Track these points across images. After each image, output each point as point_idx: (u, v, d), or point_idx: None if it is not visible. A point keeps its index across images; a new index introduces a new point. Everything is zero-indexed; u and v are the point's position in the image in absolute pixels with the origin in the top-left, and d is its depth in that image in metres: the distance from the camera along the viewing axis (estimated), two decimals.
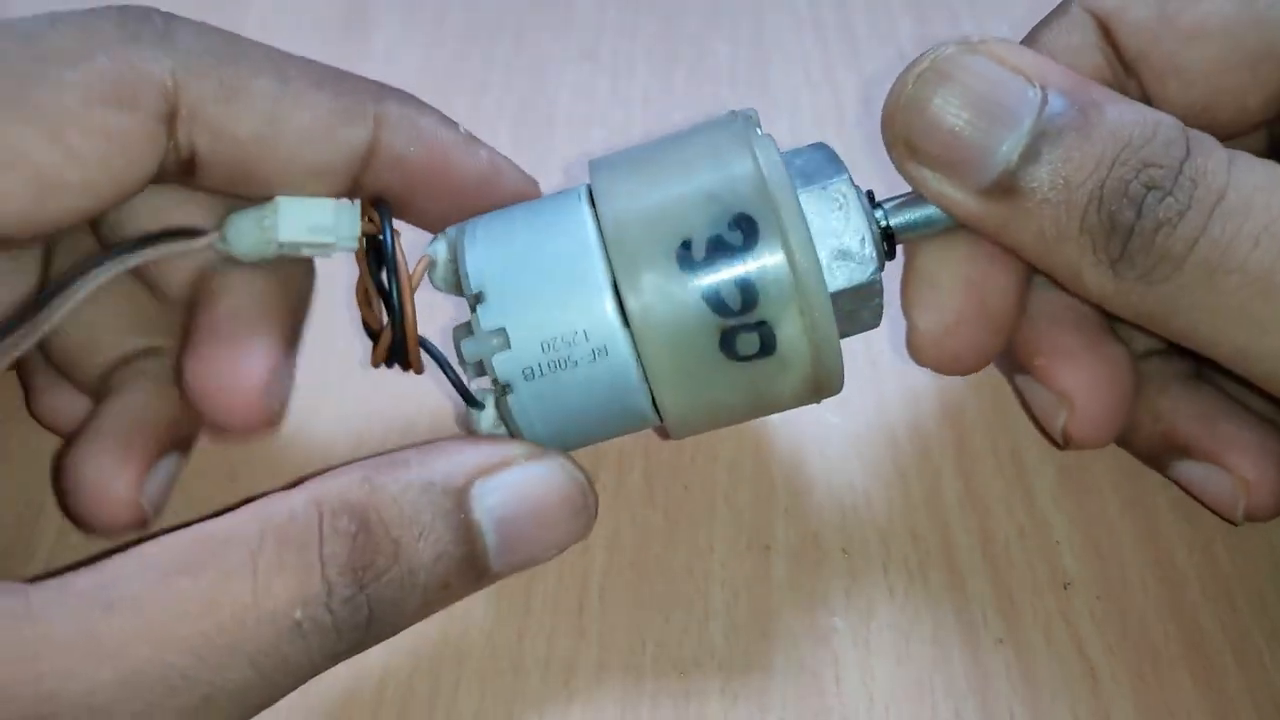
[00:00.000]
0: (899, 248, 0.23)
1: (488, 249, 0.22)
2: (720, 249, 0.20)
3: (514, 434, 0.22)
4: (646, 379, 0.21)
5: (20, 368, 0.27)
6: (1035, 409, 0.26)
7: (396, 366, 0.23)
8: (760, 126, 0.23)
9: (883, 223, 0.23)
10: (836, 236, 0.22)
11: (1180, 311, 0.20)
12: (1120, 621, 0.25)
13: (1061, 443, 0.25)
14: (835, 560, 0.26)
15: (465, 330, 0.22)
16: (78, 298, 0.21)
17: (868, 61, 0.39)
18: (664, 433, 0.24)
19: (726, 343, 0.21)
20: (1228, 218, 0.19)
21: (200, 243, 0.23)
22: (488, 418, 0.23)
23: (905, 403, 0.29)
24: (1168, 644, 0.25)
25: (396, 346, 0.22)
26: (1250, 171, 0.20)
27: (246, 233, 0.23)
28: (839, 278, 0.21)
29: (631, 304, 0.21)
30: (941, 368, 0.24)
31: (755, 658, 0.24)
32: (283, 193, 0.23)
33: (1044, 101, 0.20)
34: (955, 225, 0.22)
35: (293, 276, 0.25)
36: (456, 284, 0.23)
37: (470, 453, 0.21)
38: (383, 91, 0.24)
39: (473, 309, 0.21)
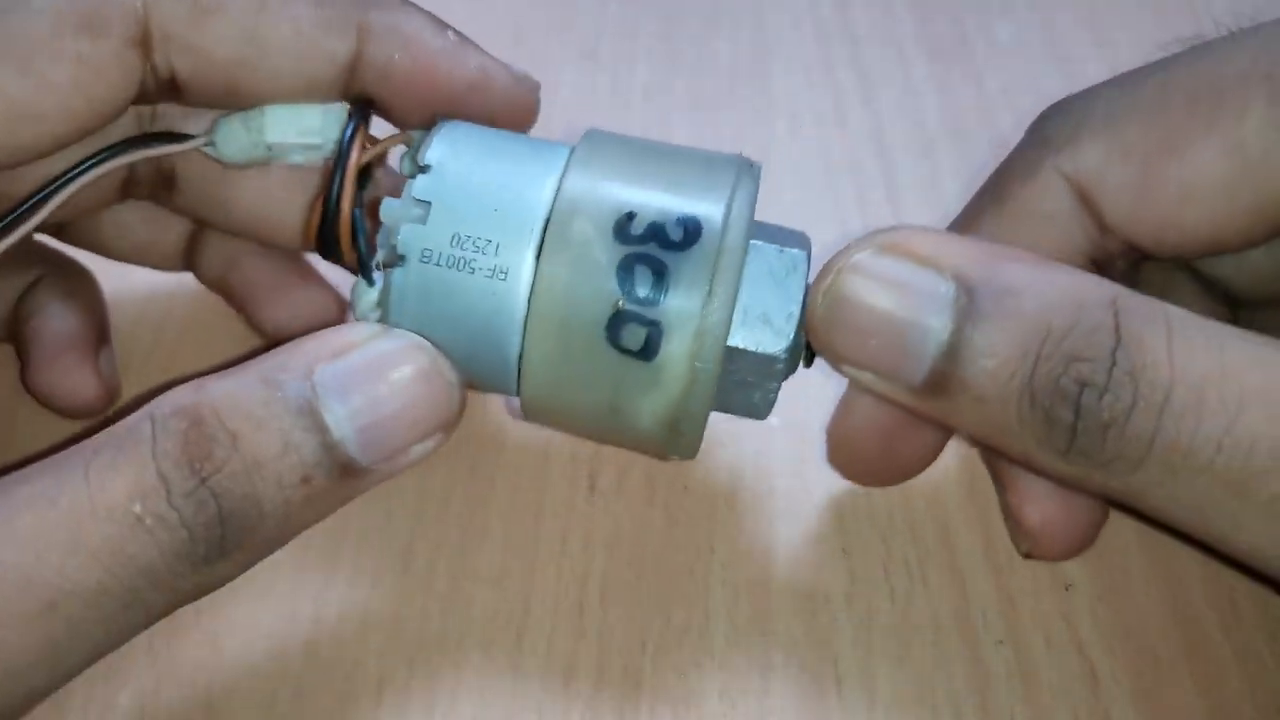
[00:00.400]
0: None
1: (459, 143, 0.22)
2: (658, 235, 0.20)
3: (383, 319, 0.22)
4: (525, 331, 0.21)
5: (16, 344, 0.27)
6: (1005, 519, 0.26)
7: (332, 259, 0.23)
8: (757, 183, 0.23)
9: None
10: (766, 300, 0.21)
11: (1149, 498, 0.19)
12: (1121, 623, 0.25)
13: (1022, 556, 0.26)
14: (836, 561, 0.26)
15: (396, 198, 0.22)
16: (70, 190, 0.23)
17: (868, 61, 0.39)
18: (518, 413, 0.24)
19: (615, 324, 0.20)
20: (1181, 419, 0.18)
21: (190, 144, 0.24)
22: (369, 295, 0.22)
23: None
24: (1168, 645, 0.25)
25: (327, 226, 0.23)
26: (1193, 354, 0.18)
27: (235, 136, 0.24)
28: (747, 337, 0.21)
29: (550, 236, 0.21)
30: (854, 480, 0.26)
31: (756, 659, 0.24)
32: (272, 100, 0.23)
33: (958, 295, 0.19)
34: None
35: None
36: (414, 168, 0.23)
37: (312, 343, 0.20)
38: (367, 0, 0.24)
39: (413, 177, 0.22)
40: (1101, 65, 0.39)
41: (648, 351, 0.20)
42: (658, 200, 0.21)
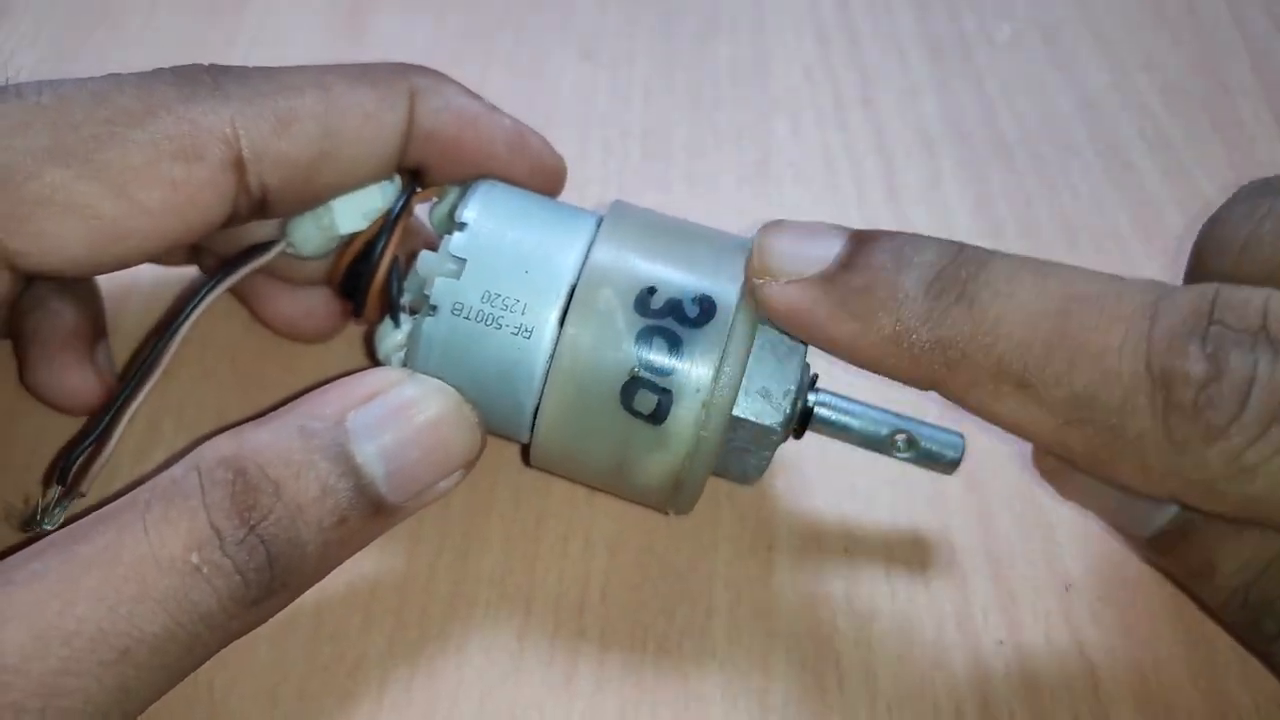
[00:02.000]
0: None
1: (498, 202, 0.24)
2: (675, 311, 0.22)
3: (408, 362, 0.23)
4: (544, 388, 0.22)
5: (14, 340, 0.28)
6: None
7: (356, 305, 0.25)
8: None
9: (807, 402, 0.24)
10: (768, 377, 0.23)
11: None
12: (1121, 623, 0.25)
13: None
14: (837, 561, 0.26)
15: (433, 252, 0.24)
16: (185, 329, 0.24)
17: (868, 61, 0.39)
18: (526, 457, 0.26)
19: (629, 388, 0.22)
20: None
21: (274, 252, 0.25)
22: (394, 337, 0.24)
23: (908, 405, 0.29)
24: (1168, 645, 0.25)
25: (361, 272, 0.25)
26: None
27: (310, 235, 0.25)
28: (748, 407, 0.22)
29: (576, 302, 0.22)
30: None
31: (757, 658, 0.24)
32: (342, 191, 0.25)
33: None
34: (858, 442, 0.25)
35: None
36: (449, 224, 0.24)
37: (340, 389, 0.21)
38: (408, 70, 0.25)
39: (449, 234, 0.23)
40: (1100, 66, 0.39)
41: (658, 416, 0.22)
42: (678, 278, 0.22)
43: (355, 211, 0.25)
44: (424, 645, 0.24)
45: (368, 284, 0.25)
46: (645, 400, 0.22)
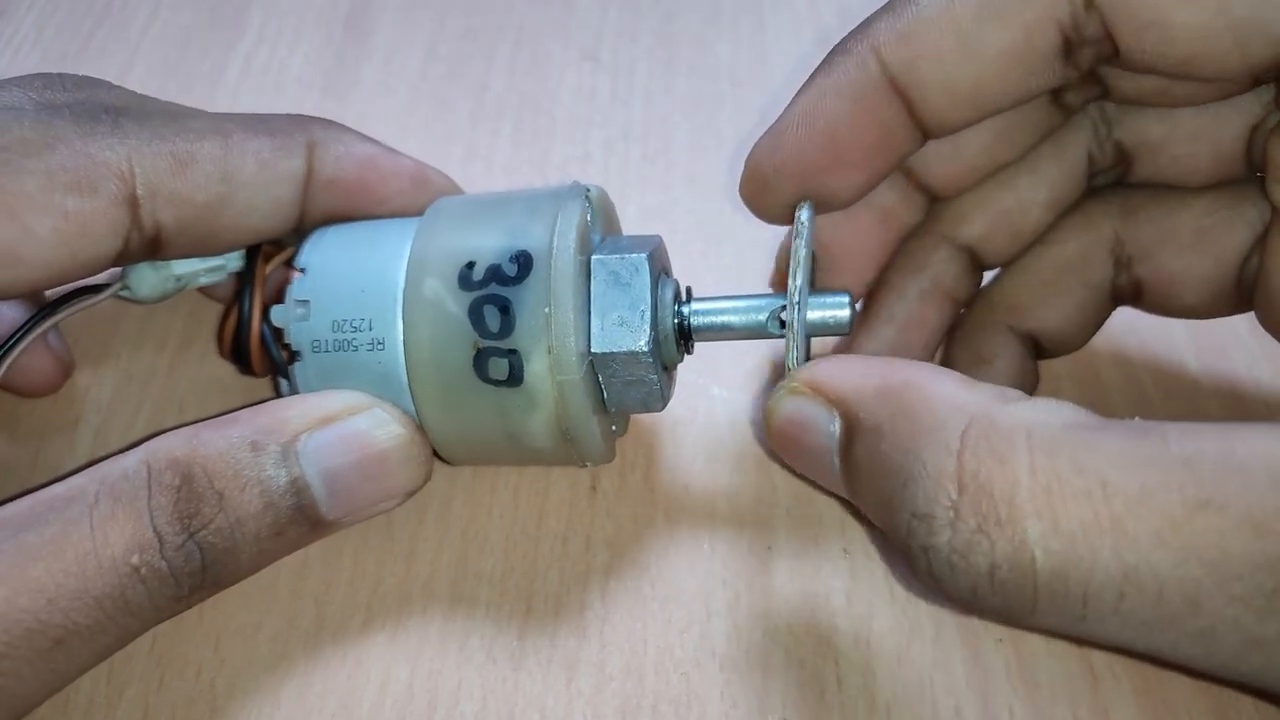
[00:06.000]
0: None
1: (329, 240, 0.25)
2: (496, 275, 0.23)
3: None
4: (411, 389, 0.23)
5: None
6: None
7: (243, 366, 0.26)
8: (589, 203, 0.24)
9: (679, 319, 0.24)
10: (618, 305, 0.23)
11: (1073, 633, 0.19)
12: None
13: None
14: (836, 561, 0.26)
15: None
16: (15, 354, 0.25)
17: None
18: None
19: (480, 361, 0.23)
20: (1061, 575, 0.17)
21: (108, 294, 0.26)
22: (286, 388, 0.25)
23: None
24: None
25: (240, 343, 0.26)
26: (1066, 487, 0.17)
27: (145, 278, 0.26)
28: (608, 341, 0.23)
29: (407, 300, 0.23)
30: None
31: (756, 657, 0.24)
32: (242, 238, 0.26)
33: (841, 428, 0.21)
34: (746, 335, 0.25)
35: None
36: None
37: (296, 408, 0.23)
38: (307, 121, 0.26)
39: (290, 283, 0.25)
40: None
41: (515, 378, 0.23)
42: (490, 243, 0.23)
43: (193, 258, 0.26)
44: (424, 646, 0.25)
45: (247, 347, 0.26)
46: (499, 368, 0.23)
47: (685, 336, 0.24)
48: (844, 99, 0.23)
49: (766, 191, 0.24)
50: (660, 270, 0.24)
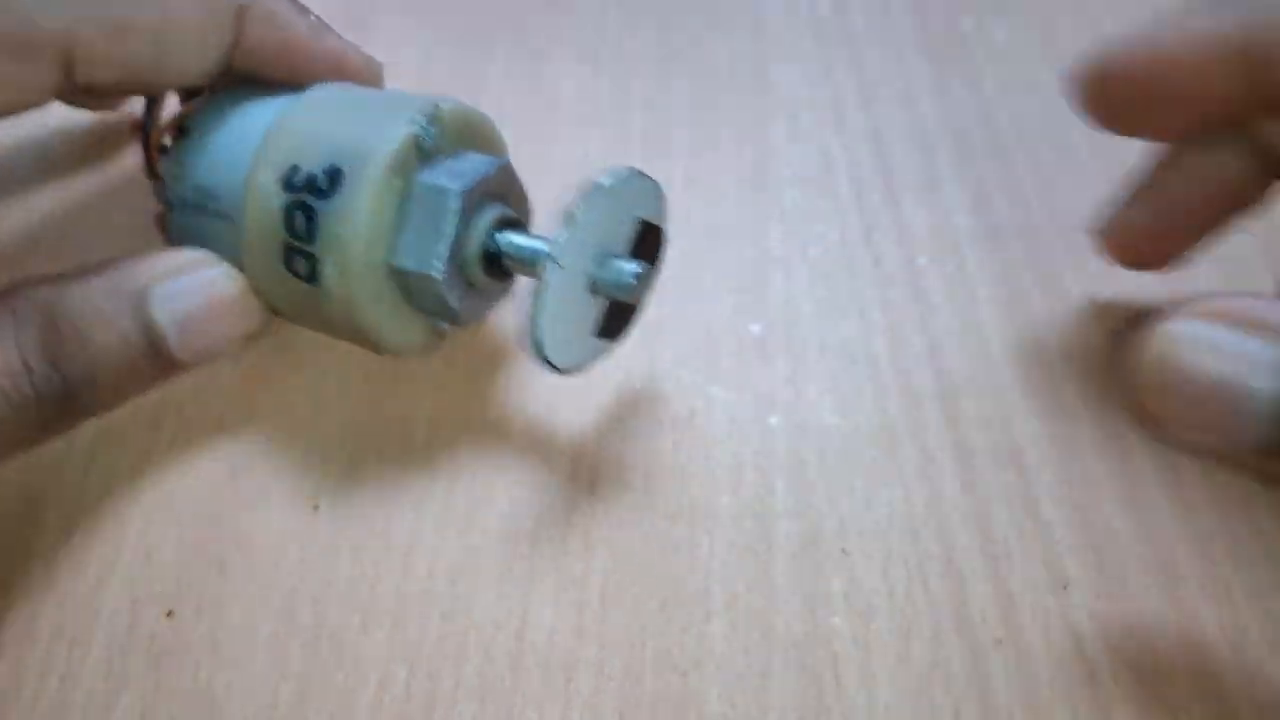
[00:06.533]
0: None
1: (213, 108, 0.27)
2: (310, 185, 0.24)
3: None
4: (244, 261, 0.26)
5: None
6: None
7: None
8: (432, 123, 0.25)
9: (492, 246, 0.25)
10: (423, 227, 0.25)
11: None
12: (1120, 621, 0.25)
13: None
14: (835, 560, 0.26)
15: None
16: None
17: (866, 62, 0.39)
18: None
19: (288, 257, 0.25)
20: None
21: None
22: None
23: (905, 404, 0.29)
24: (1167, 644, 0.25)
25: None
26: None
27: None
28: (404, 257, 0.25)
29: (248, 184, 0.25)
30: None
31: (755, 657, 0.24)
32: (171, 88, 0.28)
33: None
34: (550, 261, 0.24)
35: None
36: None
37: (151, 262, 0.25)
38: None
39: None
40: None
41: (314, 278, 0.25)
42: (316, 153, 0.25)
43: None
44: (422, 645, 0.25)
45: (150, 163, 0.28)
46: (300, 265, 0.25)
47: (493, 263, 0.26)
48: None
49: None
50: (485, 195, 0.25)
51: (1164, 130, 0.28)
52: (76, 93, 0.26)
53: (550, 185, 0.27)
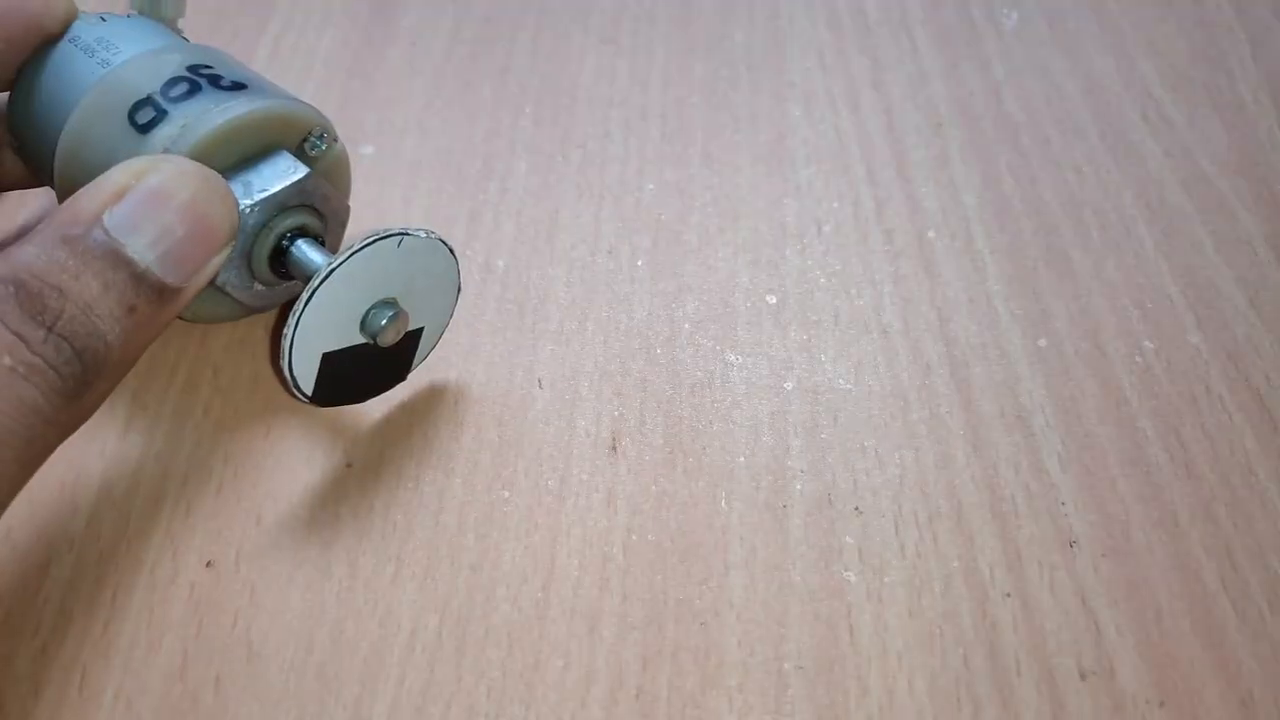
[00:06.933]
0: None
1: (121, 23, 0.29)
2: (213, 78, 0.27)
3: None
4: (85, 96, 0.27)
5: None
6: None
7: None
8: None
9: (284, 238, 0.27)
10: (264, 175, 0.26)
11: None
12: (1124, 578, 0.26)
13: None
14: (849, 519, 0.27)
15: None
16: None
17: (879, 47, 0.40)
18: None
19: (140, 105, 0.26)
20: None
21: None
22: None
23: (916, 370, 0.30)
24: (1170, 599, 0.26)
25: None
26: None
27: None
28: (237, 187, 0.26)
29: (149, 49, 0.27)
30: None
31: (772, 609, 0.25)
32: None
33: None
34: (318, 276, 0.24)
35: None
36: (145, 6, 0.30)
37: (87, 193, 0.23)
38: None
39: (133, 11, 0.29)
40: (1105, 52, 0.40)
41: (146, 128, 0.25)
42: (240, 72, 0.27)
43: None
44: (452, 595, 0.25)
45: None
46: (145, 114, 0.26)
47: (278, 267, 0.27)
48: None
49: None
50: (283, 204, 0.26)
51: None
52: None
53: (570, 162, 0.27)
